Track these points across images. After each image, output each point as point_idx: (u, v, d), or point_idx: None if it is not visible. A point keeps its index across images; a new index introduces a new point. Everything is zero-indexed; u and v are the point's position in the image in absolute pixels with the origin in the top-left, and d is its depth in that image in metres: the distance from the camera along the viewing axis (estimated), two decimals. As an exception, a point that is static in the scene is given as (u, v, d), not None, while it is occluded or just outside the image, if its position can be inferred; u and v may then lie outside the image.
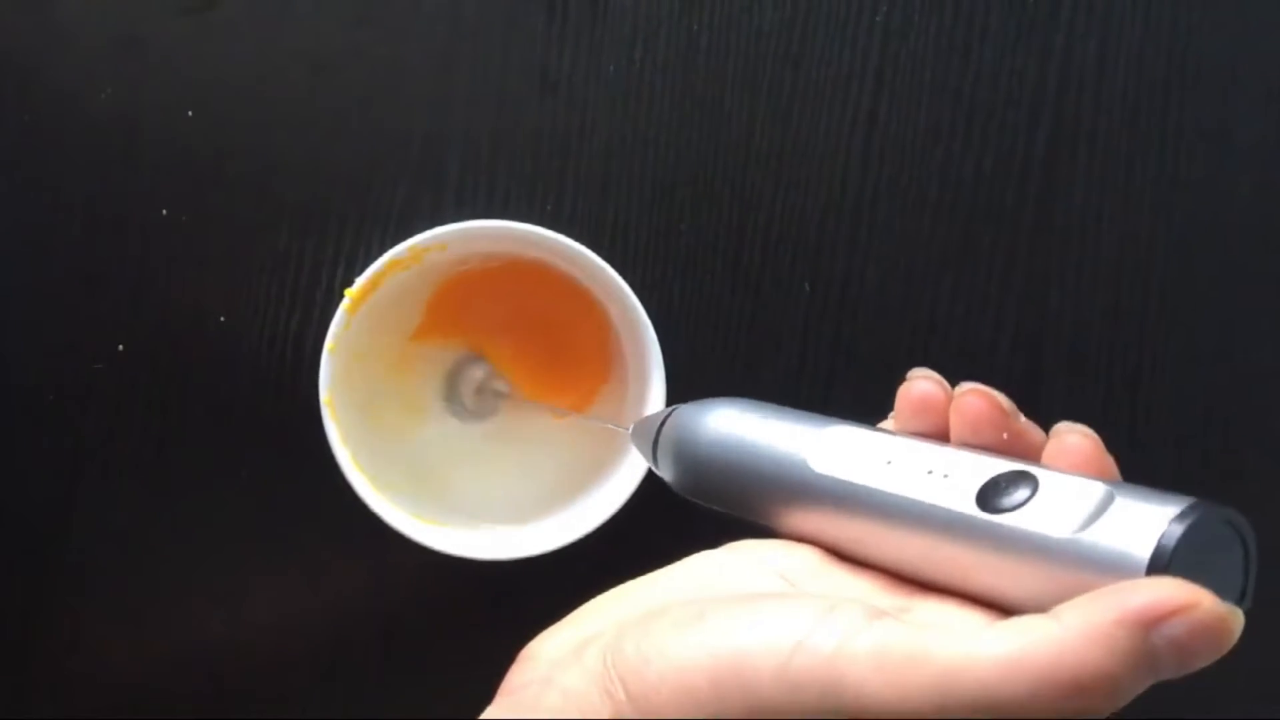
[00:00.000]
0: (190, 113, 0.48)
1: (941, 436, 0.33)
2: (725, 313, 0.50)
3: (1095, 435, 0.31)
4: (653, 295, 0.47)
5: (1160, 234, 0.52)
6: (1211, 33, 0.52)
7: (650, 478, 0.45)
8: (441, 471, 0.48)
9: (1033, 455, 0.32)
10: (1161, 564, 0.27)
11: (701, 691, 0.29)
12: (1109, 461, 0.31)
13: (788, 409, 0.36)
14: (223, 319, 0.48)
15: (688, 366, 0.49)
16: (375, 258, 0.44)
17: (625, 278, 0.45)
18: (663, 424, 0.38)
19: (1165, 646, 0.26)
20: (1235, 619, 0.26)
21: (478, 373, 0.49)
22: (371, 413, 0.46)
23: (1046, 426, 0.32)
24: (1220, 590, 0.26)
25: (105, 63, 0.48)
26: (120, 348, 0.48)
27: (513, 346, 0.49)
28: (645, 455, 0.39)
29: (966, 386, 0.33)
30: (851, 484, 0.32)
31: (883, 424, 0.36)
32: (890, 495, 0.31)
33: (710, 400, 0.37)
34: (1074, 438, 0.31)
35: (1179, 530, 0.27)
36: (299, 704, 0.49)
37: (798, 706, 0.28)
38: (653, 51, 0.50)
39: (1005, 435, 0.32)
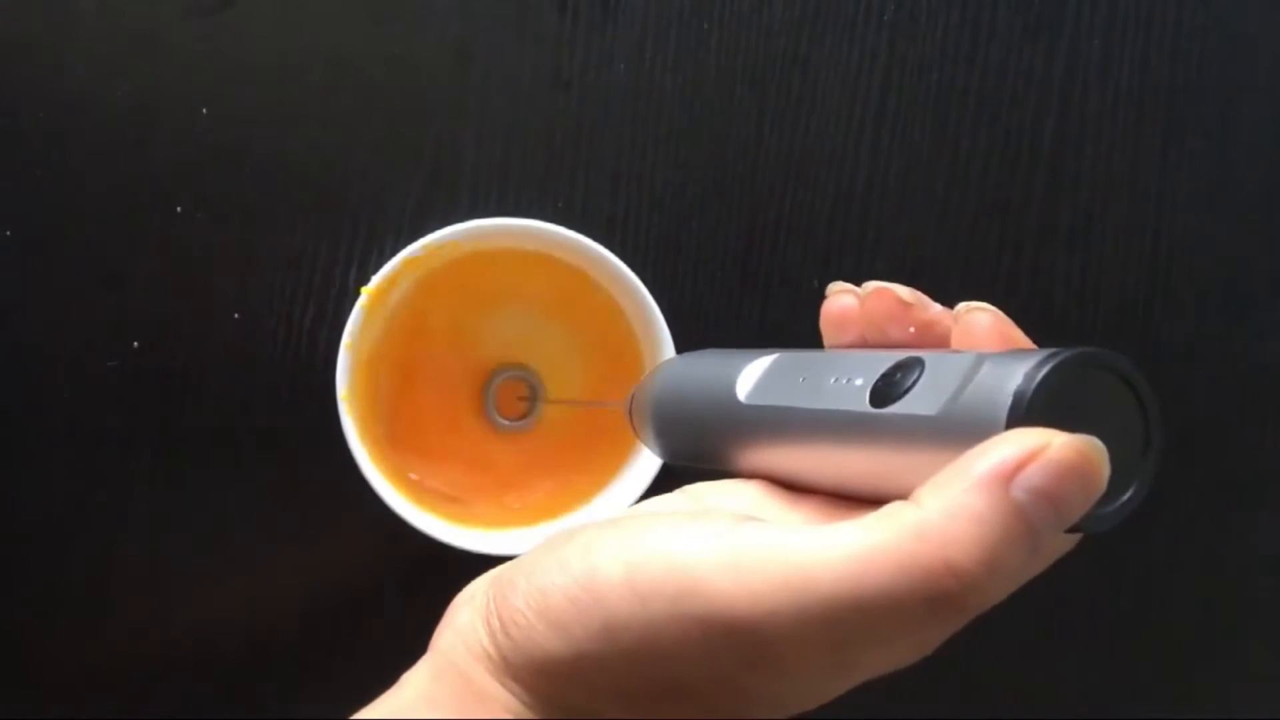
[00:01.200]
0: (205, 110, 0.48)
1: (866, 346, 0.32)
2: (735, 310, 0.51)
3: (996, 310, 0.30)
4: (663, 292, 0.47)
5: (1165, 232, 0.52)
6: (1215, 32, 0.52)
7: (666, 470, 0.45)
8: (463, 468, 0.48)
9: (945, 343, 0.31)
10: (1018, 417, 0.25)
11: (562, 611, 0.28)
12: (1015, 333, 0.30)
13: (737, 350, 0.35)
14: (237, 316, 0.49)
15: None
16: (389, 256, 0.45)
17: (636, 275, 0.46)
18: (634, 393, 0.38)
19: (1030, 499, 0.24)
20: (1093, 450, 0.24)
21: (500, 375, 0.49)
22: (388, 409, 0.46)
23: None
24: (1116, 439, 0.25)
25: (121, 60, 0.48)
26: (135, 345, 0.48)
27: (533, 341, 0.49)
28: (633, 430, 0.39)
29: (869, 288, 0.32)
30: (767, 407, 0.31)
31: None
32: (795, 410, 0.30)
33: (671, 358, 0.37)
34: (974, 315, 0.30)
35: (1034, 380, 0.25)
36: (313, 698, 0.50)
37: (654, 617, 0.26)
38: (663, 51, 0.50)
39: (912, 329, 0.31)
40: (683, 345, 0.46)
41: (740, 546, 0.26)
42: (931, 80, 0.51)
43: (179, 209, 0.48)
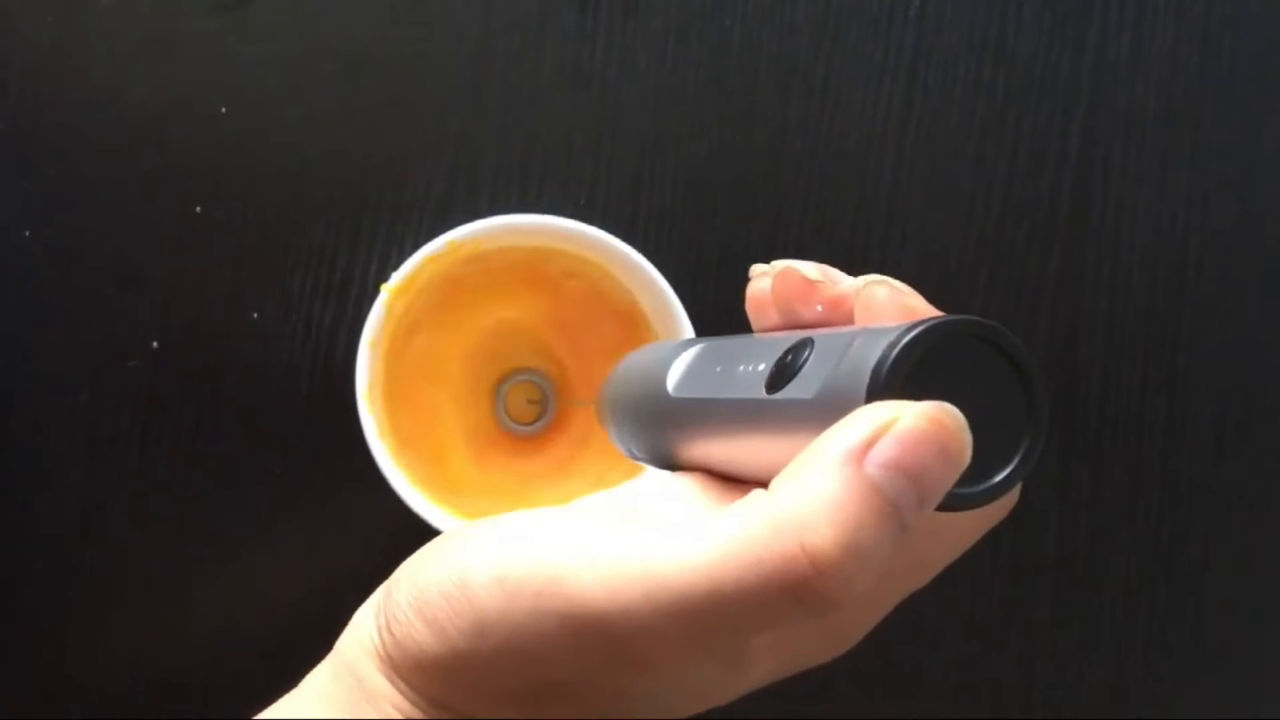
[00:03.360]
0: (223, 109, 0.48)
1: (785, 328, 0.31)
2: (759, 309, 0.50)
3: (895, 282, 0.28)
4: (686, 290, 0.47)
5: (1195, 228, 0.51)
6: (1244, 25, 0.52)
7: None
8: (479, 469, 0.48)
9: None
10: (876, 392, 0.24)
11: (437, 609, 0.27)
12: (916, 303, 0.28)
13: (678, 341, 0.34)
14: (256, 316, 0.48)
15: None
16: (408, 254, 0.44)
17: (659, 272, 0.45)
18: (600, 391, 0.37)
19: (884, 474, 0.23)
20: (948, 418, 0.23)
21: (526, 377, 0.49)
22: (408, 409, 0.46)
23: (1080, 424, 0.31)
24: (991, 411, 0.24)
25: (138, 60, 0.48)
26: (154, 345, 0.48)
27: (550, 343, 0.49)
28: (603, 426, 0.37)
29: (777, 267, 0.31)
30: (689, 398, 0.30)
31: None
32: (708, 400, 0.29)
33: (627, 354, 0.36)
34: (871, 289, 0.28)
35: (891, 353, 0.24)
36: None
37: (519, 614, 0.26)
38: (685, 47, 0.50)
39: (819, 307, 0.29)
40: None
41: (604, 543, 0.26)
42: (958, 75, 0.51)
43: (198, 208, 0.48)
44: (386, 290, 0.44)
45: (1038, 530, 0.51)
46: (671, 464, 0.32)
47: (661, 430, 0.32)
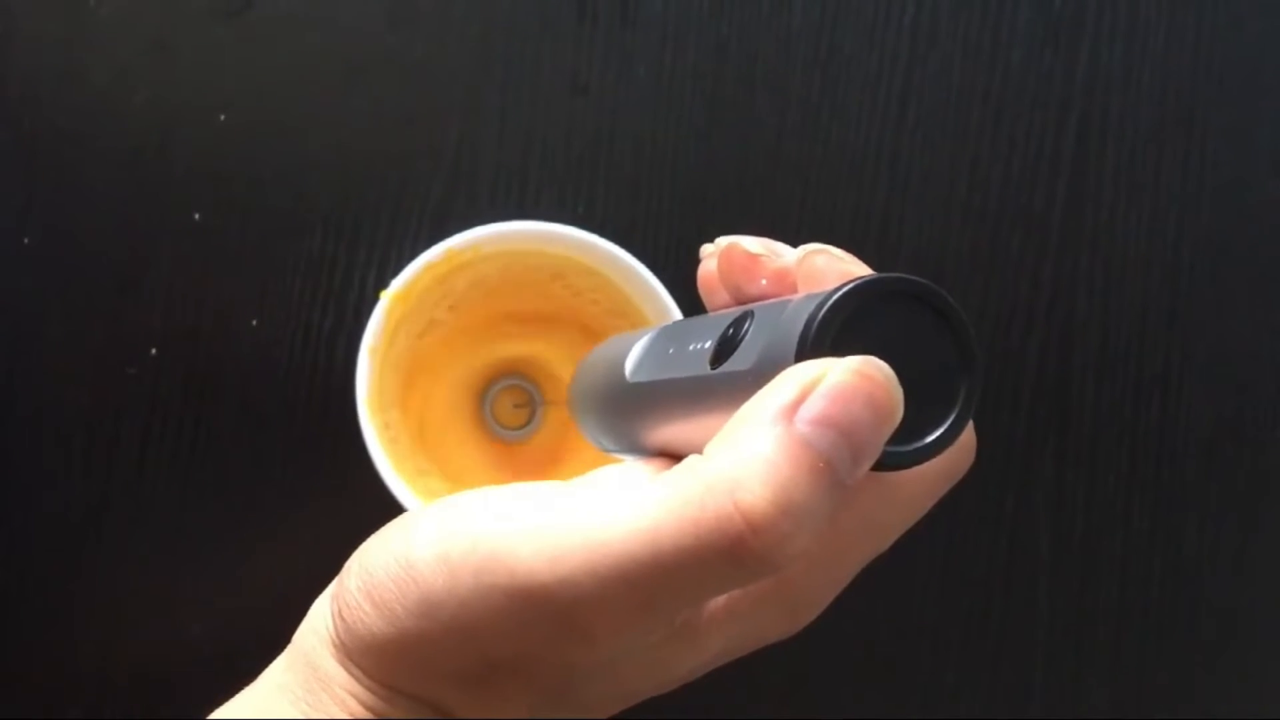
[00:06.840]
0: (223, 116, 0.48)
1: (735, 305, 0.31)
2: (756, 314, 0.50)
3: (833, 250, 0.28)
4: (683, 297, 0.47)
5: (1188, 234, 0.52)
6: (1235, 33, 0.52)
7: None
8: (480, 476, 0.48)
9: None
10: (803, 353, 0.24)
11: (385, 590, 0.28)
12: (857, 270, 0.27)
13: (641, 330, 0.34)
14: (255, 322, 0.49)
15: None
16: (408, 260, 0.44)
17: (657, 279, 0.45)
18: (569, 386, 0.37)
19: (815, 430, 0.23)
20: (876, 371, 0.23)
21: (513, 381, 0.49)
22: (408, 414, 0.46)
23: (1075, 428, 0.31)
24: (926, 368, 0.24)
25: (138, 66, 0.48)
26: (153, 351, 0.48)
27: (548, 350, 0.49)
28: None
29: (722, 244, 0.30)
30: (644, 383, 0.30)
31: None
32: (660, 382, 0.29)
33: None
34: (812, 259, 0.28)
35: (818, 314, 0.24)
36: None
37: (463, 590, 0.26)
38: (682, 54, 0.50)
39: (764, 281, 0.29)
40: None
41: (542, 514, 0.26)
42: (952, 83, 0.51)
43: (197, 215, 0.48)
44: (386, 296, 0.44)
45: (1033, 532, 0.51)
46: (639, 453, 0.32)
47: (624, 418, 0.32)
